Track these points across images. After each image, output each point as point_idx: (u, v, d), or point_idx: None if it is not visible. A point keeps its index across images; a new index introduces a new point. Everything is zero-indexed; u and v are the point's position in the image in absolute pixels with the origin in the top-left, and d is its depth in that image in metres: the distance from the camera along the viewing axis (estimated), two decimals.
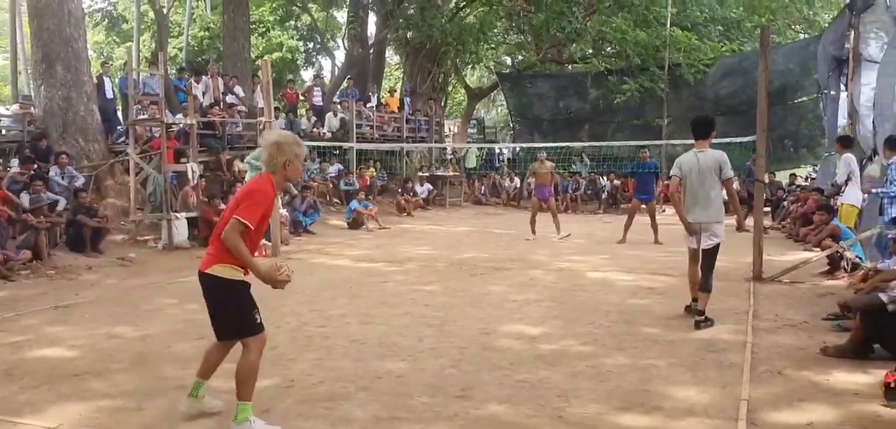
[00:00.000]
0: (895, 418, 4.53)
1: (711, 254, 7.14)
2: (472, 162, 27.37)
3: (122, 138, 15.32)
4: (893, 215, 8.33)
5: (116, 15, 36.48)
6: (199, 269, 4.39)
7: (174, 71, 20.40)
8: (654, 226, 14.35)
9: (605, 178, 24.26)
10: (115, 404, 4.85)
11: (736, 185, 22.28)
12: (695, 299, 7.33)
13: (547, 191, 15.33)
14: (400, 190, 21.48)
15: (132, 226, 13.31)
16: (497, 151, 30.48)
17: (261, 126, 14.04)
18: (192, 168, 13.61)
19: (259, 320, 4.44)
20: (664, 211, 19.92)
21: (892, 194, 8.88)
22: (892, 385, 4.78)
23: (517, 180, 24.89)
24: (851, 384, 5.21)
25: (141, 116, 14.64)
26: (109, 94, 16.82)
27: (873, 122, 12.53)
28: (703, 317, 7.02)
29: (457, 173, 25.38)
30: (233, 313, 4.42)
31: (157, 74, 15.12)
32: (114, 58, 32.34)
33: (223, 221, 4.34)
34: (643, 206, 15.05)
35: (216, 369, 4.66)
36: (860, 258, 9.61)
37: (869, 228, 9.80)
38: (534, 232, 14.84)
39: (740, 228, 8.20)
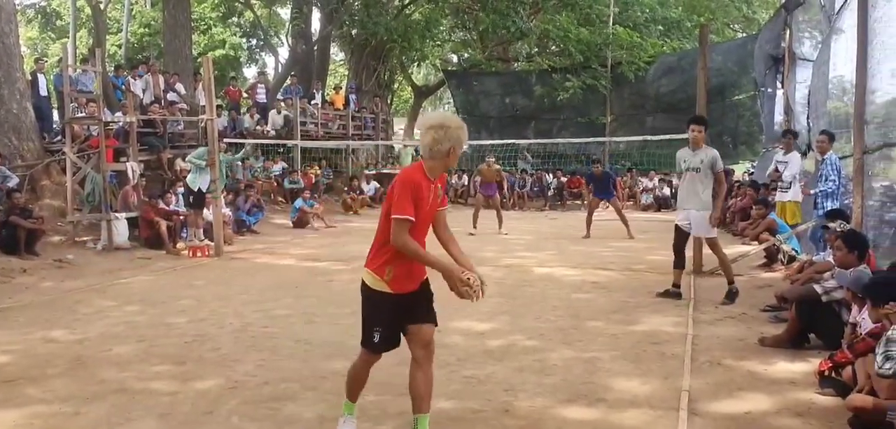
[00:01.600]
0: (829, 405, 4.68)
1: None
2: (407, 163, 27.24)
3: (59, 137, 14.88)
4: (828, 209, 8.58)
5: (51, 11, 35.42)
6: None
7: (112, 68, 19.87)
8: (624, 221, 14.58)
9: (551, 174, 24.51)
10: (52, 410, 4.71)
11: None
12: (732, 281, 7.99)
13: (492, 188, 15.63)
14: (346, 188, 21.35)
15: (70, 227, 12.94)
16: None
17: (202, 124, 13.78)
18: (132, 167, 13.30)
19: (376, 339, 4.06)
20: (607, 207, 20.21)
21: (827, 190, 9.15)
22: (826, 373, 4.94)
23: (465, 177, 24.95)
24: (788, 373, 5.37)
25: (78, 115, 14.25)
26: (44, 92, 16.31)
27: (808, 118, 12.91)
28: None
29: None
30: (363, 318, 4.13)
31: (95, 71, 14.73)
32: (49, 55, 31.38)
33: (381, 226, 4.00)
34: (606, 204, 15.44)
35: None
36: (796, 251, 9.90)
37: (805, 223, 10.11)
38: (475, 227, 15.04)
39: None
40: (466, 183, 24.49)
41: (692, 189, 7.95)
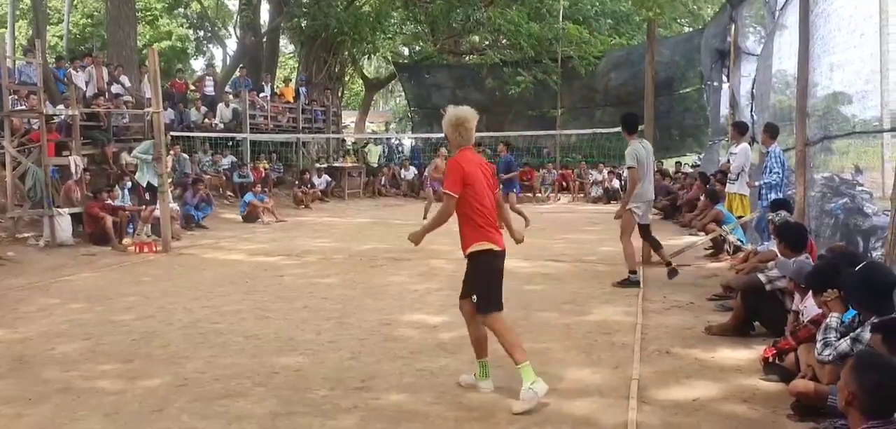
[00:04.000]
0: (773, 391, 4.81)
1: (649, 227, 9.00)
2: (374, 160, 27.05)
3: None
4: (772, 200, 8.78)
5: None
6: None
7: (53, 59, 19.32)
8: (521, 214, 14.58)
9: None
10: None
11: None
12: (633, 272, 8.43)
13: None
14: (297, 182, 21.14)
15: (10, 223, 12.56)
16: (395, 143, 30.41)
17: (148, 117, 13.49)
18: (76, 161, 12.96)
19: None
20: (559, 200, 20.43)
21: (772, 182, 9.37)
22: (770, 360, 5.06)
23: (414, 170, 24.90)
24: (734, 360, 5.50)
25: (18, 107, 13.82)
26: None
27: (752, 111, 13.20)
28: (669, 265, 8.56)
29: (356, 164, 25.16)
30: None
31: (35, 63, 14.29)
32: None
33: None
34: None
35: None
36: (741, 241, 10.13)
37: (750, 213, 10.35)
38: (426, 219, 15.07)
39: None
40: (418, 176, 24.35)
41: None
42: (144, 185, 12.54)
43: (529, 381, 4.49)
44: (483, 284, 4.76)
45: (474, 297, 4.75)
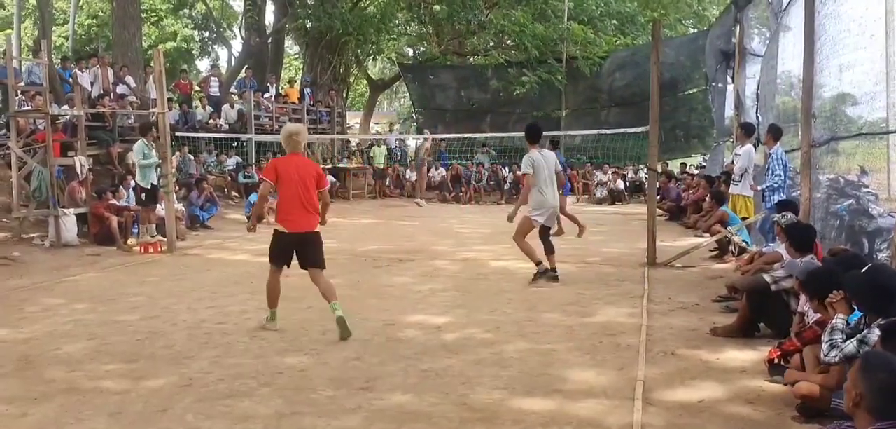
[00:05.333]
0: (778, 392, 4.79)
1: (548, 230, 9.16)
2: (380, 162, 26.99)
3: (3, 131, 14.45)
4: (778, 201, 8.75)
5: None
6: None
7: (58, 60, 19.37)
8: None
9: (507, 168, 24.57)
10: None
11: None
12: (539, 263, 8.72)
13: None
14: None
15: (15, 223, 12.59)
16: (394, 143, 30.37)
17: (154, 117, 13.50)
18: (81, 162, 12.98)
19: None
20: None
21: (774, 185, 9.34)
22: (776, 361, 5.04)
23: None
24: (739, 362, 5.48)
25: (24, 108, 13.85)
26: None
27: (757, 113, 13.16)
28: (555, 273, 8.76)
29: (361, 165, 25.15)
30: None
31: (41, 64, 14.32)
32: None
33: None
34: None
35: None
36: (746, 242, 10.10)
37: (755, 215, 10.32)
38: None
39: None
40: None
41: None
42: (146, 186, 12.55)
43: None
44: (272, 248, 6.65)
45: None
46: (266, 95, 22.93)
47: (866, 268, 4.43)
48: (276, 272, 6.61)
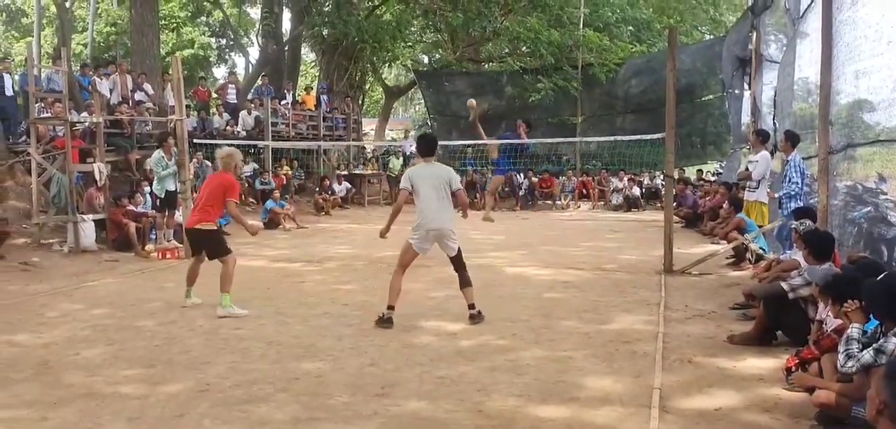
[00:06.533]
0: (796, 401, 4.75)
1: (460, 256, 7.26)
2: (395, 170, 27.01)
3: (24, 138, 14.62)
4: (796, 208, 8.70)
5: (15, 9, 34.80)
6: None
7: (77, 67, 19.57)
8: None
9: (522, 175, 24.54)
10: (16, 415, 4.63)
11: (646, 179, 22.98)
12: (391, 306, 7.01)
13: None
14: (317, 189, 21.22)
15: (35, 229, 12.72)
16: (409, 150, 30.41)
17: (171, 124, 13.62)
18: (99, 168, 13.10)
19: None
20: (579, 207, 20.43)
21: (791, 192, 9.28)
22: (793, 369, 5.01)
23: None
24: (756, 370, 5.45)
25: (43, 115, 14.00)
26: (10, 92, 15.97)
27: (773, 119, 13.09)
28: (475, 311, 7.09)
29: (376, 172, 25.21)
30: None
31: (61, 71, 14.48)
32: (13, 53, 30.82)
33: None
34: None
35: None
36: (763, 250, 10.03)
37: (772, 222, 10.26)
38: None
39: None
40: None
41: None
42: (161, 195, 12.69)
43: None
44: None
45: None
46: (283, 102, 23.07)
47: (882, 276, 4.40)
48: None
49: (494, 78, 29.53)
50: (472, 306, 7.10)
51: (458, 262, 7.24)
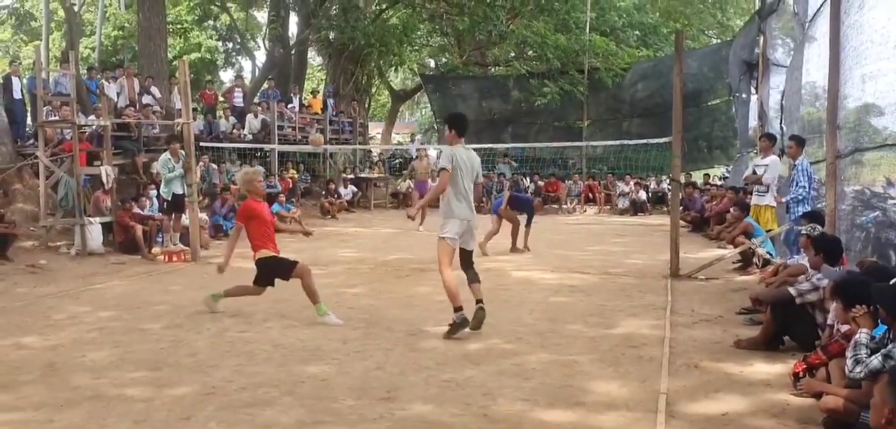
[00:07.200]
0: (803, 406, 4.73)
1: (471, 254, 7.00)
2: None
3: (31, 140, 14.68)
4: (805, 212, 8.68)
5: (24, 12, 34.95)
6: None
7: (85, 71, 19.66)
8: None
9: (528, 179, 24.53)
10: (23, 418, 4.64)
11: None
12: (459, 308, 6.62)
13: (425, 186, 15.41)
14: (324, 192, 21.24)
15: (43, 231, 12.77)
16: (415, 154, 30.44)
17: (178, 128, 13.66)
18: (107, 171, 13.15)
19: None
20: (585, 211, 20.40)
21: (799, 196, 9.25)
22: (801, 374, 4.98)
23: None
24: (763, 375, 5.42)
25: (51, 118, 14.07)
26: (18, 95, 16.06)
27: (781, 123, 13.07)
28: (482, 304, 6.73)
29: (382, 175, 25.23)
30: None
31: (69, 74, 14.55)
32: (21, 57, 30.95)
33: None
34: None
35: None
36: (770, 254, 10.00)
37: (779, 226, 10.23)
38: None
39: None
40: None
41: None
42: (167, 197, 12.74)
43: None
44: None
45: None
46: (289, 106, 23.11)
47: (893, 281, 4.38)
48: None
49: (501, 82, 29.55)
50: (480, 301, 6.75)
51: (470, 259, 6.99)
